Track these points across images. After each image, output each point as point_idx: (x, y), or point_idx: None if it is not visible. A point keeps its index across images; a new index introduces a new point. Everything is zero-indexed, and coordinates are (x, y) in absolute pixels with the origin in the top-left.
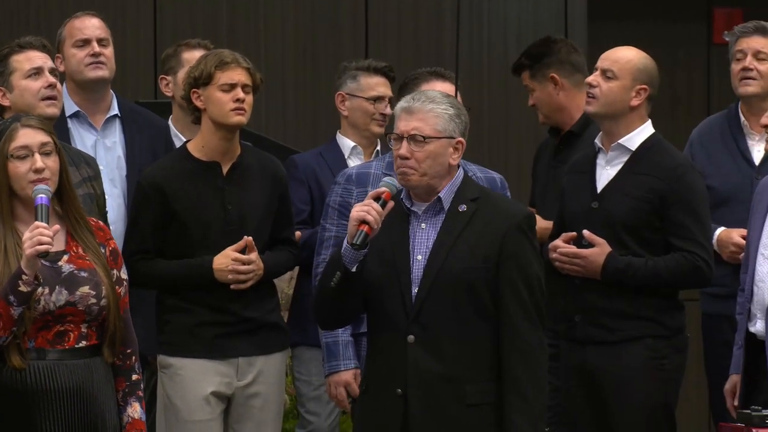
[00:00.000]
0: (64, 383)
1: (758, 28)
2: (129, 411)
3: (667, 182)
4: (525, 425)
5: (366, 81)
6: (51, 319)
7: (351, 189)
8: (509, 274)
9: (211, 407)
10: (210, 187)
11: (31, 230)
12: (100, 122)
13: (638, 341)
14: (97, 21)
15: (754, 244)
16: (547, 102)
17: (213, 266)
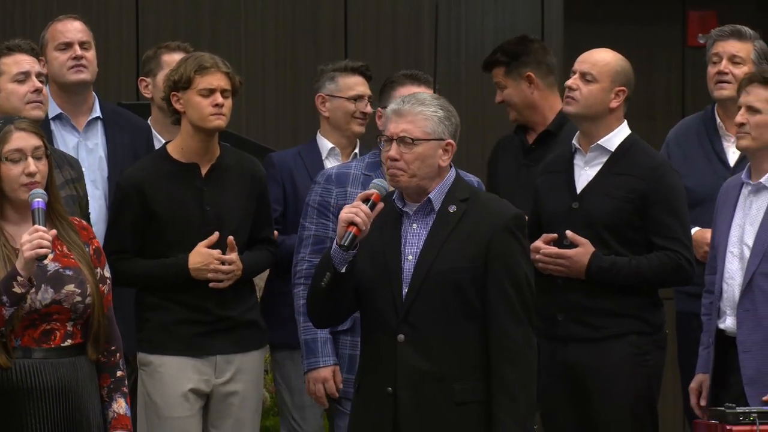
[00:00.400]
0: (49, 381)
1: (734, 32)
2: (114, 407)
3: (648, 182)
4: (512, 424)
5: (344, 81)
6: (37, 317)
7: (331, 189)
8: (497, 273)
9: (189, 404)
10: (189, 188)
11: (31, 233)
12: (82, 124)
13: (622, 338)
14: (79, 24)
15: (722, 243)
16: (521, 100)
17: (188, 265)
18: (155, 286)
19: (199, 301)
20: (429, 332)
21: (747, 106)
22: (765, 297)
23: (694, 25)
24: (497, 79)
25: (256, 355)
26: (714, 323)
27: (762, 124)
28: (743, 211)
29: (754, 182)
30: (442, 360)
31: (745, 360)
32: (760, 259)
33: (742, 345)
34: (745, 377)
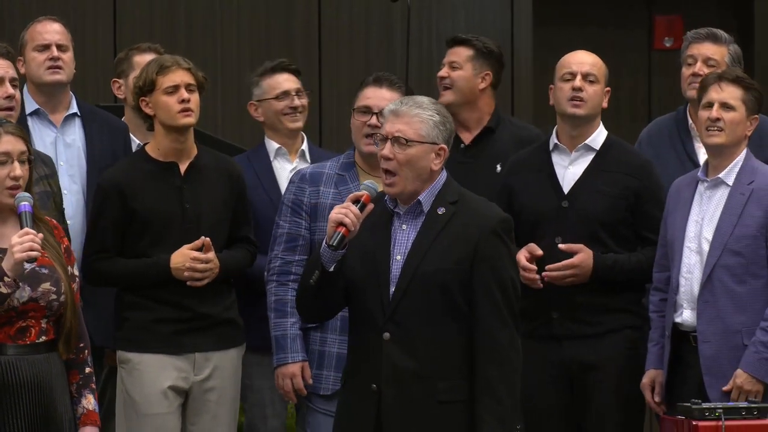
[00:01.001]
0: (25, 377)
1: (710, 35)
2: (84, 403)
3: (640, 180)
4: (497, 425)
5: (267, 83)
6: (14, 315)
7: (304, 187)
8: (483, 276)
9: (168, 401)
10: (168, 186)
11: (21, 236)
12: (59, 120)
13: (618, 333)
14: (58, 26)
15: (678, 240)
16: (468, 89)
17: (170, 264)
18: (137, 285)
19: (177, 299)
20: (414, 331)
21: (721, 103)
22: (725, 289)
23: (661, 28)
24: (458, 58)
25: (234, 352)
26: (670, 318)
27: (736, 121)
28: (700, 207)
29: (711, 178)
30: (427, 359)
31: (704, 350)
32: (720, 252)
33: (702, 335)
34: (703, 366)
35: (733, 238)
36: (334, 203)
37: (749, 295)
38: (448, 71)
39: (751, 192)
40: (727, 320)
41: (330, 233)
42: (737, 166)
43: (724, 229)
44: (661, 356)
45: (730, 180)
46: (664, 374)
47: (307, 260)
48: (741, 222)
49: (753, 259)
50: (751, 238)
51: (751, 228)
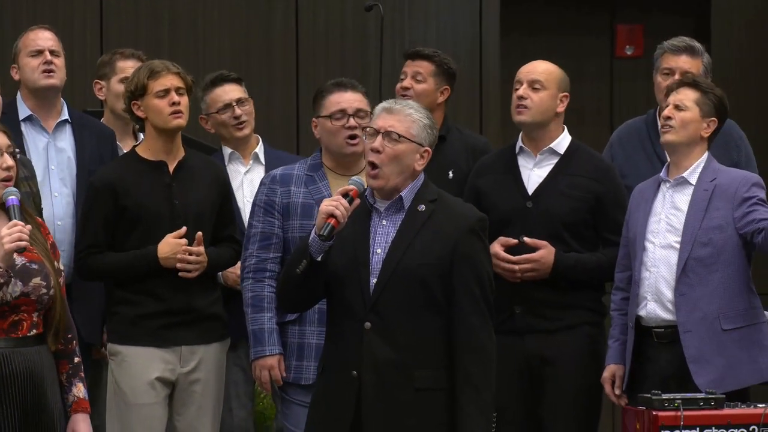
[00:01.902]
0: (17, 368)
1: (687, 48)
2: (74, 391)
3: (602, 183)
4: (476, 413)
5: (210, 97)
6: (7, 309)
7: (275, 188)
8: (462, 272)
9: (156, 391)
10: (158, 183)
11: (10, 227)
12: (51, 126)
13: (577, 328)
14: (49, 34)
15: (640, 236)
16: (429, 101)
17: (158, 254)
18: (127, 277)
19: (165, 294)
20: (394, 322)
21: (675, 104)
22: (699, 279)
23: (622, 37)
24: (421, 69)
25: (219, 346)
26: (633, 311)
27: (687, 120)
28: (664, 205)
29: (674, 178)
30: (405, 349)
31: (686, 339)
32: (692, 245)
33: (682, 326)
34: (688, 356)
35: (701, 231)
36: (305, 202)
37: (722, 283)
38: (412, 83)
39: (714, 188)
40: (705, 309)
41: (320, 224)
42: (700, 166)
43: (692, 223)
44: (620, 352)
45: (694, 179)
46: (626, 368)
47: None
48: (708, 215)
49: (721, 249)
50: (717, 229)
51: (717, 220)
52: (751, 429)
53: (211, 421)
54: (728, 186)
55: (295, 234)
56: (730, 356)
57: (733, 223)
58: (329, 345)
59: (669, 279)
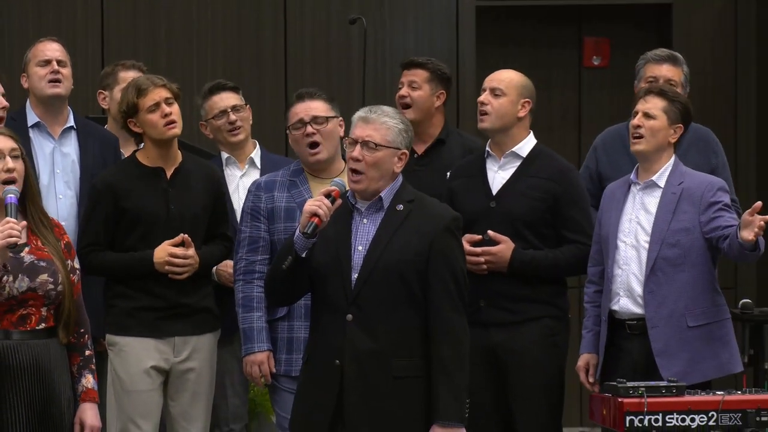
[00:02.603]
0: (25, 360)
1: (669, 57)
2: (83, 382)
3: (560, 184)
4: (451, 399)
5: (207, 105)
6: (15, 303)
7: (260, 195)
8: (438, 268)
9: (151, 379)
10: (155, 188)
11: (3, 224)
12: (57, 132)
13: (538, 321)
14: (57, 45)
15: (612, 235)
16: (426, 107)
17: (153, 258)
18: (124, 276)
19: (160, 289)
20: (375, 315)
21: (644, 113)
22: (667, 278)
23: (589, 49)
24: (416, 78)
25: (210, 336)
26: (606, 305)
27: (656, 128)
28: (634, 207)
29: (644, 181)
30: (385, 339)
31: (654, 334)
32: (659, 246)
33: (650, 321)
34: (655, 350)
35: (669, 233)
36: (287, 206)
37: (688, 282)
38: (408, 91)
39: (682, 191)
40: (672, 306)
41: (304, 223)
42: (667, 170)
43: (660, 225)
44: (593, 342)
45: (662, 182)
46: (600, 357)
47: (278, 252)
48: (675, 218)
49: (688, 250)
50: (684, 231)
51: (684, 222)
52: (710, 415)
53: (204, 406)
54: (695, 190)
55: (281, 236)
56: (694, 351)
57: (699, 226)
58: (314, 336)
59: (639, 276)
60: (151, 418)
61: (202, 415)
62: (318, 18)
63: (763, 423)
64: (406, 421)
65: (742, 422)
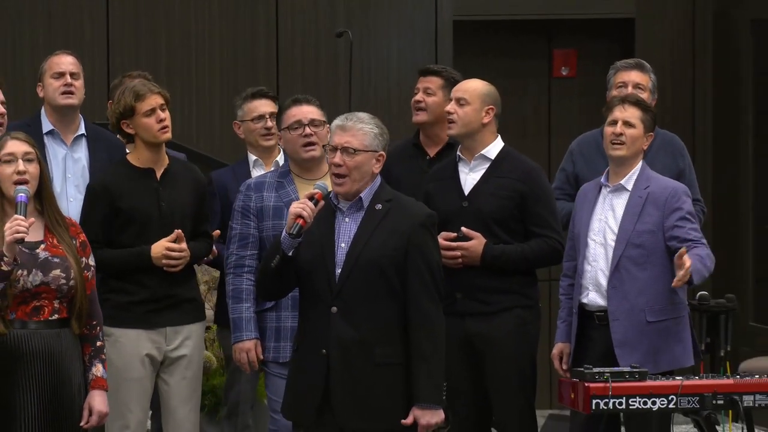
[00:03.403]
0: (37, 348)
1: (637, 64)
2: (93, 370)
3: (526, 183)
4: (428, 383)
5: (247, 107)
6: (28, 295)
7: (250, 194)
8: (415, 262)
9: (144, 367)
10: (147, 188)
11: (11, 222)
12: (69, 139)
13: (510, 311)
14: (71, 58)
15: (583, 233)
16: (440, 112)
17: (151, 254)
18: (123, 271)
19: (150, 282)
20: (357, 306)
21: (624, 121)
22: (629, 275)
23: (558, 60)
24: (431, 85)
25: (198, 325)
26: (577, 298)
27: (635, 136)
28: (604, 208)
29: (613, 184)
30: (367, 329)
31: (615, 326)
32: (624, 245)
33: (612, 315)
34: (615, 341)
35: (634, 234)
36: (276, 205)
37: (649, 280)
38: (423, 96)
39: (647, 195)
40: (633, 301)
41: (290, 224)
42: (635, 174)
43: (626, 226)
44: (567, 332)
45: (630, 186)
46: (571, 346)
47: (266, 251)
48: (640, 220)
49: (652, 250)
50: (649, 233)
51: (648, 224)
52: (670, 398)
53: (195, 387)
54: (660, 195)
55: (269, 233)
56: (651, 344)
57: (662, 230)
58: (302, 327)
59: (606, 272)
60: (142, 403)
61: (193, 395)
62: (307, 31)
63: (718, 406)
64: (388, 405)
65: (700, 405)
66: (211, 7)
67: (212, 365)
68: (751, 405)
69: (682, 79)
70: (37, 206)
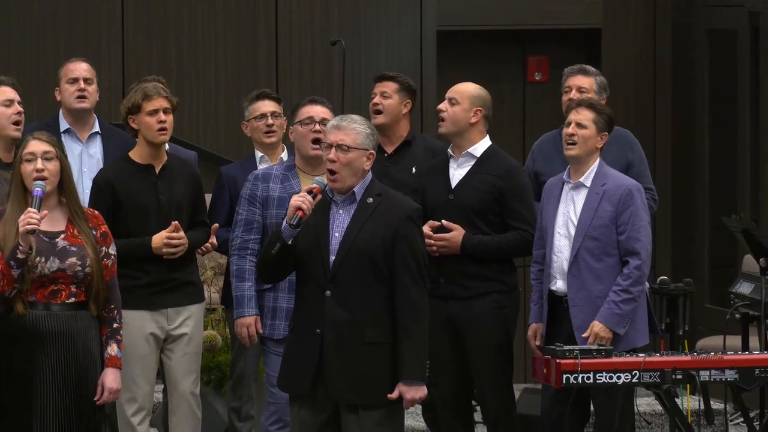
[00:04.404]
0: (54, 327)
1: (581, 69)
2: (109, 350)
3: (505, 180)
4: (414, 360)
5: (252, 107)
6: (46, 280)
7: (258, 184)
8: (402, 250)
9: (149, 345)
10: (146, 182)
11: (24, 214)
12: (85, 137)
13: (487, 296)
14: (85, 65)
15: (550, 227)
16: (395, 113)
17: (152, 244)
18: (125, 259)
19: (153, 268)
20: (349, 290)
21: (576, 123)
22: (587, 265)
23: (532, 66)
24: (387, 89)
25: (197, 306)
26: (547, 285)
27: (587, 136)
28: (566, 203)
29: (574, 181)
30: (358, 311)
31: (574, 312)
32: (583, 237)
33: (572, 301)
34: (574, 325)
35: (591, 227)
36: (280, 195)
37: (605, 269)
38: (381, 100)
39: (604, 192)
40: (590, 289)
41: (290, 215)
42: (593, 172)
43: (584, 220)
44: (539, 313)
45: (588, 183)
46: (543, 327)
47: (267, 238)
48: (597, 215)
49: (607, 243)
50: (604, 227)
51: (604, 219)
52: (634, 373)
53: (195, 362)
54: (614, 192)
55: (272, 221)
56: None
57: (616, 224)
58: (297, 309)
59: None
60: (148, 377)
61: (194, 369)
62: (304, 40)
63: (677, 380)
64: (377, 380)
65: (660, 380)
66: (216, 19)
67: (218, 343)
68: (707, 380)
69: (644, 83)
70: (61, 198)
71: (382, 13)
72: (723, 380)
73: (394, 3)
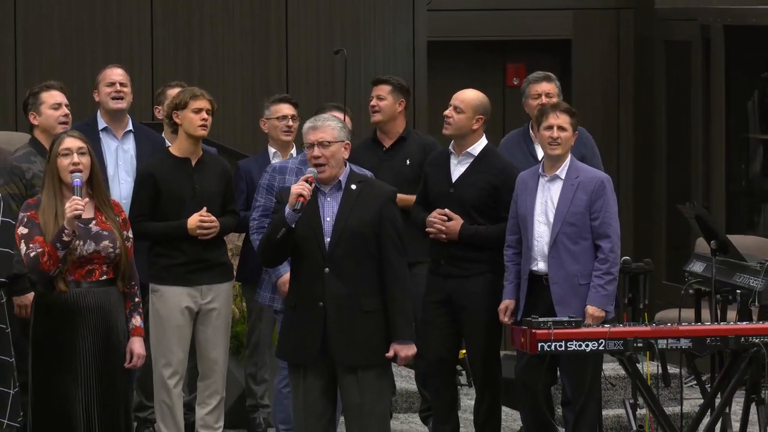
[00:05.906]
0: (91, 302)
1: (546, 77)
2: (133, 321)
3: (499, 177)
4: (403, 322)
5: (273, 108)
6: (84, 261)
7: (275, 176)
8: (385, 228)
9: (184, 317)
10: (184, 173)
11: (70, 202)
12: (120, 135)
13: (482, 275)
14: (121, 70)
15: (529, 215)
16: (390, 112)
17: (188, 226)
18: (163, 239)
19: (189, 249)
20: (345, 267)
21: (558, 126)
22: (565, 248)
23: (511, 72)
24: (382, 92)
25: (227, 284)
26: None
27: (567, 138)
28: (543, 193)
29: (550, 174)
30: (354, 284)
31: (554, 288)
32: (561, 224)
33: (552, 279)
34: (555, 300)
35: (568, 214)
36: None
37: (581, 251)
38: (377, 101)
39: (578, 183)
40: (568, 268)
41: (292, 202)
42: (567, 166)
43: (561, 208)
44: (513, 291)
45: (563, 175)
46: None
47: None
48: (573, 203)
49: (582, 228)
50: (580, 214)
51: (579, 207)
52: (600, 342)
53: (224, 334)
54: (588, 183)
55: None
56: (582, 302)
57: (590, 211)
58: (296, 287)
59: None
60: (183, 346)
61: (222, 341)
62: (311, 49)
63: (638, 348)
64: (375, 343)
65: (624, 348)
66: (234, 30)
67: (236, 316)
68: (664, 347)
69: (609, 88)
70: (89, 190)
71: (379, 26)
72: (678, 348)
73: (390, 16)
